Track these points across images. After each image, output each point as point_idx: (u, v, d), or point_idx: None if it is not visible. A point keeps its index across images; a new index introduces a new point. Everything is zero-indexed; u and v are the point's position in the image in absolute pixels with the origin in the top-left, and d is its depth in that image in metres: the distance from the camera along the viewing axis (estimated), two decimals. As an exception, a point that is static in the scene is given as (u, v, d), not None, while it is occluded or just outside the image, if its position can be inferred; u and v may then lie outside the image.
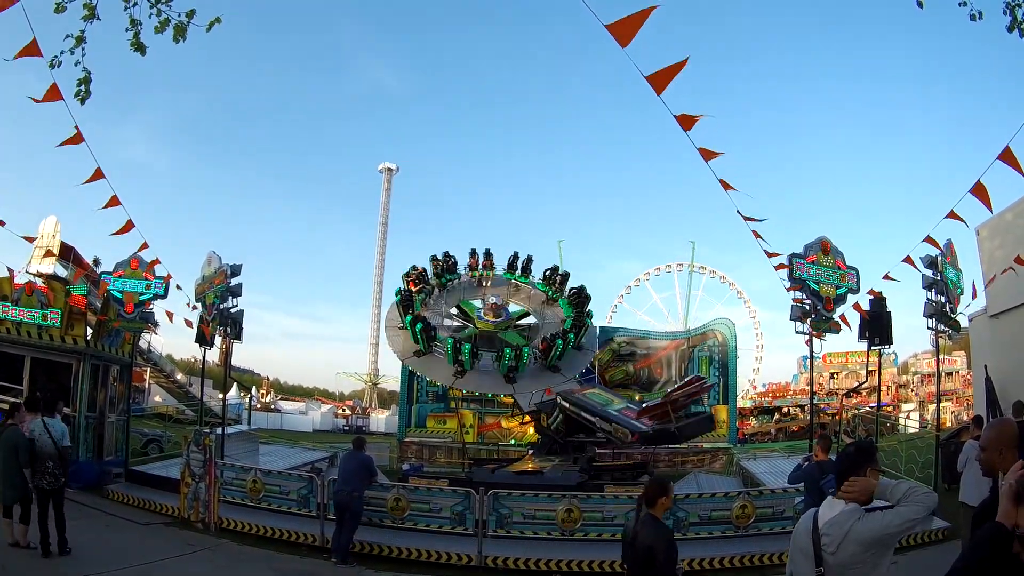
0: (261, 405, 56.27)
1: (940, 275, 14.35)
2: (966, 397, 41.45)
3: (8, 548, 9.23)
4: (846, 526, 3.31)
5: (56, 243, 27.64)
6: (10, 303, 15.74)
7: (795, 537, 3.64)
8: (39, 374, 16.07)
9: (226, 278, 16.73)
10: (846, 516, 3.35)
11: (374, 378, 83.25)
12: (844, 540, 3.27)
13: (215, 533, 11.85)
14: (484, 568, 10.34)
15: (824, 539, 3.35)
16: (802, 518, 3.75)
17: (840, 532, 3.30)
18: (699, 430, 18.25)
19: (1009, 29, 6.39)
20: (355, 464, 11.11)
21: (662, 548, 5.00)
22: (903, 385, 53.89)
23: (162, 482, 14.66)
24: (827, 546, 3.32)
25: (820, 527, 3.40)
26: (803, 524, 3.60)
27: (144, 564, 9.58)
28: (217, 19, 5.77)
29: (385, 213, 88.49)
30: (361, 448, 11.52)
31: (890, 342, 15.11)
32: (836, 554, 3.29)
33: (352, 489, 10.82)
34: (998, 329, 17.34)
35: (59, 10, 5.41)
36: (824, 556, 3.33)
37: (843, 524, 3.32)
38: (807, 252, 14.44)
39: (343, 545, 10.54)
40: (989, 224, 17.56)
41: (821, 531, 3.38)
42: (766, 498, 11.82)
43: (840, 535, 3.30)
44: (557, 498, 11.46)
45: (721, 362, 26.49)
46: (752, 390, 54.80)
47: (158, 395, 42.70)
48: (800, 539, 3.55)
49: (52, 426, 9.59)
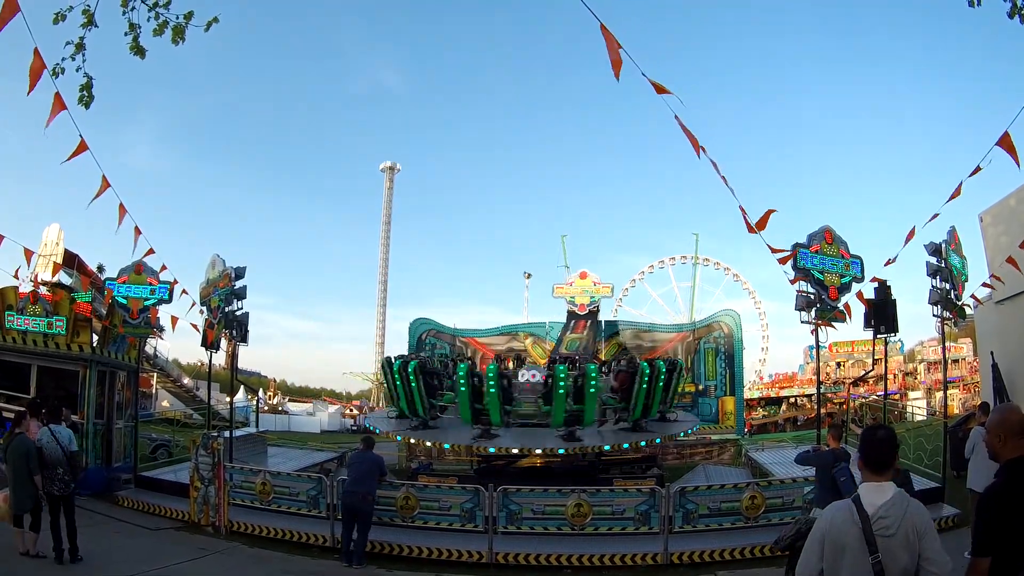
0: (268, 407, 56.31)
1: (944, 262, 14.30)
2: (973, 384, 41.35)
3: (20, 557, 9.25)
4: (903, 507, 3.29)
5: (60, 251, 27.74)
6: (15, 312, 15.77)
7: (829, 532, 3.40)
8: (46, 382, 16.11)
9: (230, 281, 16.70)
10: (900, 499, 3.33)
11: (380, 377, 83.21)
12: (903, 521, 3.24)
13: (226, 536, 11.89)
14: (495, 565, 10.36)
15: (882, 522, 3.25)
16: (832, 511, 3.52)
17: (899, 512, 3.27)
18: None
19: (1010, 15, 6.26)
20: (367, 465, 11.06)
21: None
22: (910, 373, 53.74)
23: (171, 487, 14.71)
24: (886, 528, 3.23)
25: (871, 512, 3.30)
26: (839, 516, 3.41)
27: (156, 569, 9.60)
28: (215, 19, 5.76)
29: (388, 212, 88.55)
30: (371, 447, 11.49)
31: (896, 330, 15.06)
32: (895, 536, 3.22)
33: (366, 491, 10.79)
34: (1004, 315, 17.32)
35: (58, 20, 5.41)
36: (881, 541, 3.23)
37: (900, 505, 3.30)
38: (810, 241, 14.38)
39: (360, 549, 10.50)
40: (992, 211, 17.54)
41: (875, 515, 3.28)
42: (775, 488, 11.83)
43: (900, 515, 3.26)
44: (566, 493, 11.46)
45: (727, 353, 26.42)
46: (759, 381, 54.74)
47: (165, 400, 42.71)
48: (839, 532, 3.36)
49: (58, 433, 9.62)
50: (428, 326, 27.92)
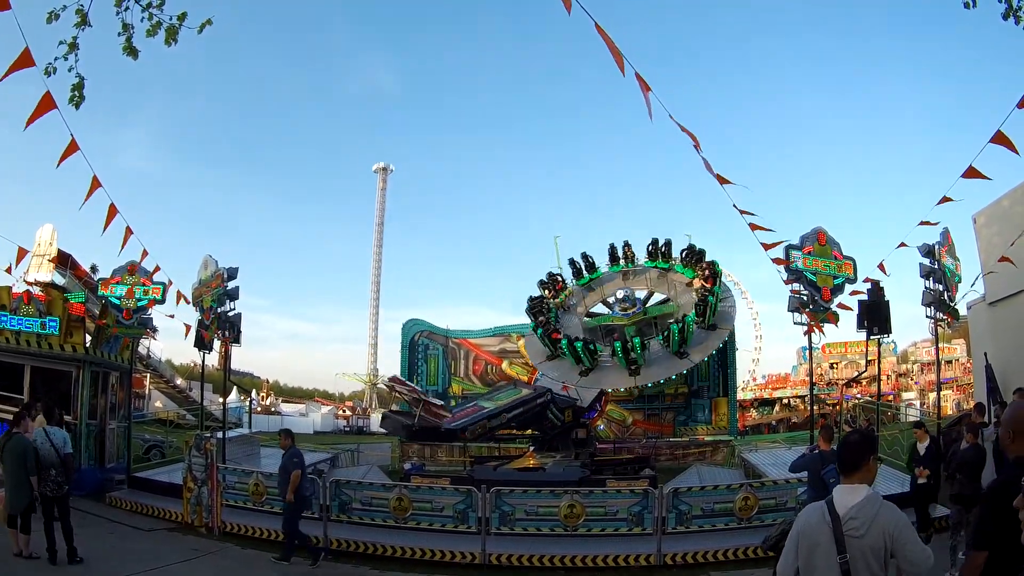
0: (261, 408, 56.19)
1: (937, 263, 14.35)
2: (966, 385, 41.51)
3: (14, 559, 9.23)
4: (873, 509, 3.35)
5: (53, 251, 27.57)
6: (8, 312, 15.71)
7: (803, 531, 3.53)
8: (39, 382, 16.05)
9: (223, 281, 16.67)
10: (871, 501, 3.39)
11: (374, 378, 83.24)
12: (873, 523, 3.30)
13: (219, 537, 11.86)
14: (488, 566, 10.35)
15: (852, 523, 3.33)
16: (807, 511, 3.68)
17: (869, 514, 3.33)
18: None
19: (1004, 16, 6.24)
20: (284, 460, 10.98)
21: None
22: (903, 374, 53.96)
23: (165, 488, 14.68)
24: (855, 529, 3.31)
25: (842, 513, 3.38)
26: (813, 516, 3.53)
27: (149, 570, 9.58)
28: (208, 21, 5.76)
29: (381, 213, 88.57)
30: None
31: (889, 331, 15.12)
32: (864, 537, 3.28)
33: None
34: (997, 316, 17.38)
35: (51, 19, 5.40)
36: (849, 542, 3.30)
37: (871, 507, 3.36)
38: (803, 243, 14.44)
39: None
40: (986, 211, 17.59)
41: (846, 516, 3.36)
42: (768, 489, 11.83)
43: (869, 517, 3.32)
44: (559, 494, 11.46)
45: (720, 354, 26.40)
46: (752, 382, 54.86)
47: (158, 400, 42.56)
48: (812, 531, 3.47)
49: (53, 434, 9.60)
50: (421, 327, 27.87)
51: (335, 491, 12.17)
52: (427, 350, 27.17)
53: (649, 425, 25.40)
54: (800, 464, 9.48)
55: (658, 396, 25.69)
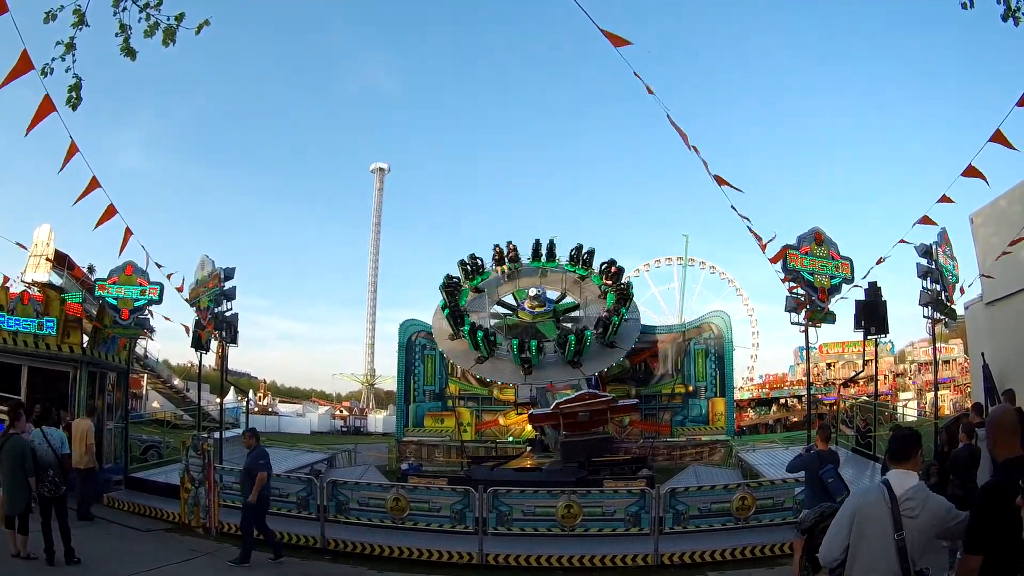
0: (259, 408, 56.16)
1: (935, 263, 14.37)
2: (964, 384, 41.54)
3: (12, 559, 9.20)
4: (925, 494, 3.60)
5: (50, 251, 27.56)
6: (5, 312, 15.67)
7: (862, 507, 3.73)
8: (36, 383, 16.01)
9: (220, 281, 16.66)
10: (923, 487, 3.65)
11: (370, 378, 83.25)
12: (925, 506, 3.53)
13: (216, 538, 11.85)
14: (485, 566, 10.36)
15: (908, 503, 3.54)
16: (865, 491, 3.96)
17: (923, 496, 3.57)
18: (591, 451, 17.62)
19: (1004, 18, 6.20)
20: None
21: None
22: (900, 374, 54.04)
23: (162, 488, 14.64)
24: (911, 510, 3.52)
25: (899, 494, 3.58)
26: (872, 495, 3.74)
27: (146, 571, 9.57)
28: (206, 21, 5.74)
29: (378, 213, 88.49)
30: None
31: (886, 331, 15.16)
32: (918, 518, 3.51)
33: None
34: (994, 316, 17.37)
35: (48, 19, 5.39)
36: (905, 521, 3.51)
37: (923, 492, 3.61)
38: (800, 243, 14.46)
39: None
40: (983, 211, 17.58)
41: (903, 497, 3.57)
42: (766, 489, 11.85)
43: (923, 499, 3.55)
44: (556, 494, 11.47)
45: (717, 354, 26.41)
46: (749, 382, 54.93)
47: (156, 401, 42.55)
48: (870, 509, 3.66)
49: (50, 434, 9.58)
50: (418, 327, 27.82)
51: (332, 491, 12.17)
52: (424, 350, 27.08)
53: (646, 425, 25.36)
54: (797, 464, 9.46)
55: (655, 396, 25.74)
